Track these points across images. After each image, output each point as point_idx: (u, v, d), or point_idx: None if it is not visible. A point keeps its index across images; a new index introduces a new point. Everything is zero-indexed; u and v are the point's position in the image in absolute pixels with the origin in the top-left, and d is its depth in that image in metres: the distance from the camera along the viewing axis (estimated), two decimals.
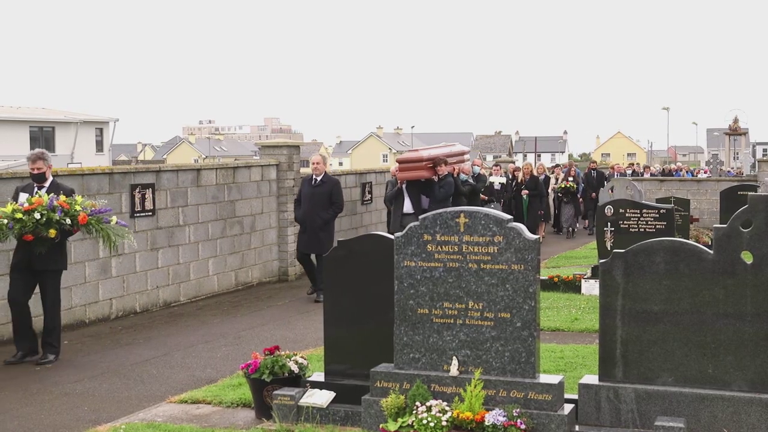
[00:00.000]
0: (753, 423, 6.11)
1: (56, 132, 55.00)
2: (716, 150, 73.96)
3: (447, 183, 15.59)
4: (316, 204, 13.50)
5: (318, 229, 13.57)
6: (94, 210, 9.70)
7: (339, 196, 13.82)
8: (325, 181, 13.69)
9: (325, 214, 13.54)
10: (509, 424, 6.02)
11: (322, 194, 13.62)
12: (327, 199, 13.59)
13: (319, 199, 13.56)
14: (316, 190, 13.65)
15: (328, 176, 13.99)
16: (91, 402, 8.17)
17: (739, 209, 6.39)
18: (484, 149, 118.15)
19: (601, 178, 26.60)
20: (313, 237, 13.56)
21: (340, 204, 13.84)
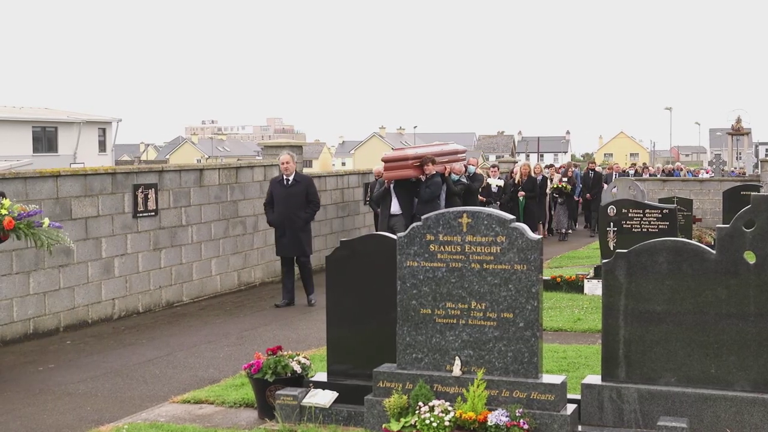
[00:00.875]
0: (756, 423, 6.11)
1: (59, 132, 55.03)
2: (719, 150, 73.92)
3: (434, 183, 15.20)
4: (292, 205, 12.90)
5: (299, 230, 13.00)
6: (22, 213, 8.87)
7: (315, 194, 13.24)
8: (299, 180, 13.06)
9: (304, 214, 12.98)
10: (512, 425, 6.02)
11: (297, 194, 12.99)
12: (303, 198, 12.99)
13: (295, 200, 12.95)
14: (290, 191, 13.01)
15: (300, 175, 13.41)
16: (93, 402, 8.18)
17: (742, 209, 6.39)
18: (486, 149, 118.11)
19: (598, 179, 26.15)
20: (294, 239, 12.97)
21: (317, 202, 13.29)
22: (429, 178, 15.21)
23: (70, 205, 11.67)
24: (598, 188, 24.83)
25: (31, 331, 11.07)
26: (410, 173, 15.32)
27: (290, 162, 13.01)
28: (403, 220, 15.17)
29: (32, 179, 11.16)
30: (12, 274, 10.84)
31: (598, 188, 25.01)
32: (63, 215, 11.54)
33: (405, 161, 15.27)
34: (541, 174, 23.44)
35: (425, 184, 15.17)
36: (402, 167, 15.25)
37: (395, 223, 15.10)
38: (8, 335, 10.77)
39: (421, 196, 15.23)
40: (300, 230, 13.01)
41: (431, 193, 15.20)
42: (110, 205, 12.30)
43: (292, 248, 13.06)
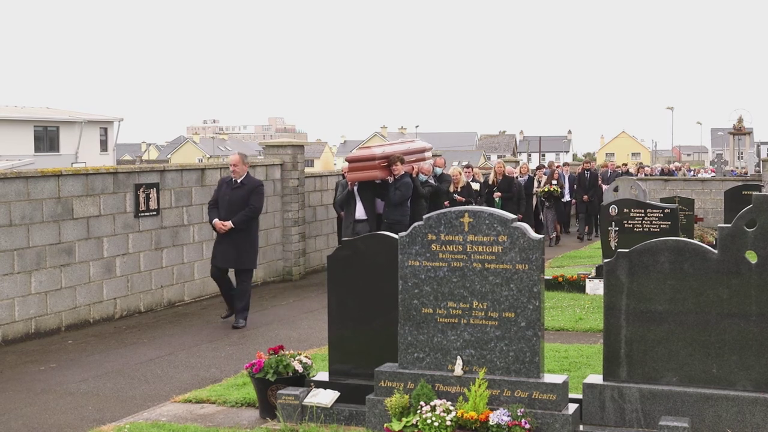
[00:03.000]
0: (758, 423, 6.11)
1: (61, 132, 55.09)
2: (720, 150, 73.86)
3: (403, 184, 13.95)
4: (234, 210, 11.44)
5: (238, 239, 11.50)
6: None
7: (258, 199, 11.64)
8: (246, 183, 11.64)
9: (235, 218, 11.39)
10: (513, 424, 6.02)
11: (241, 197, 11.53)
12: (246, 202, 11.52)
13: (238, 204, 11.50)
14: (234, 193, 11.57)
15: (250, 177, 11.92)
16: (95, 401, 8.18)
17: (744, 209, 6.39)
18: (488, 149, 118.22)
19: (594, 179, 24.49)
20: (230, 249, 11.49)
21: (256, 207, 11.60)
22: (398, 179, 13.93)
23: (72, 204, 11.67)
24: (596, 189, 23.93)
25: (32, 331, 11.08)
26: (377, 174, 14.01)
27: (239, 165, 11.68)
28: (368, 225, 14.06)
29: (34, 179, 11.16)
30: (13, 273, 10.85)
31: (595, 189, 24.00)
32: (65, 215, 11.55)
33: (371, 161, 13.95)
34: (527, 174, 22.15)
35: (394, 185, 13.91)
36: (368, 168, 13.94)
37: (361, 230, 13.93)
38: (10, 335, 10.78)
39: (390, 198, 13.99)
40: (240, 239, 11.54)
41: (402, 195, 13.94)
42: (112, 204, 12.30)
43: (227, 258, 11.57)
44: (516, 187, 19.85)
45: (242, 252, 11.53)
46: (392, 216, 13.98)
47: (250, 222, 11.60)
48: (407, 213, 14.17)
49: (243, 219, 11.44)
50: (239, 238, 11.50)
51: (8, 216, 10.78)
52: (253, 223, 11.68)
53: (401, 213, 14.03)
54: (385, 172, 13.97)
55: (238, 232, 11.44)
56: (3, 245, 10.71)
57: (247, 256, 11.59)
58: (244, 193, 11.53)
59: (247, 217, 11.49)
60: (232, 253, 11.51)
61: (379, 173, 13.97)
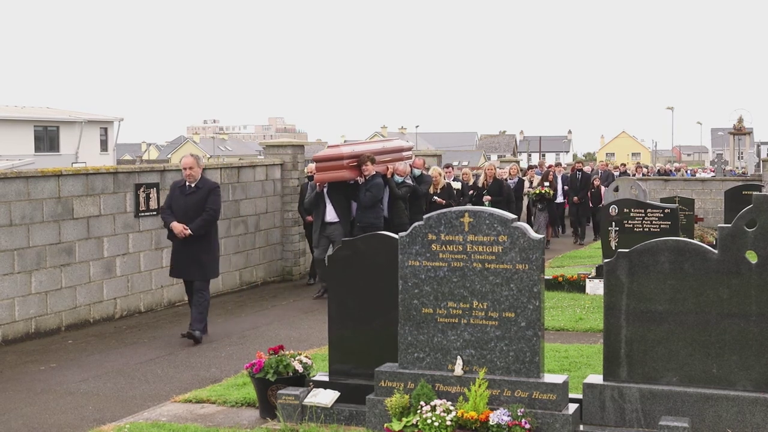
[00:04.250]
0: (758, 423, 6.11)
1: (61, 131, 55.12)
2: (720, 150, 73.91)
3: (375, 185, 13.27)
4: (191, 216, 10.63)
5: (198, 248, 10.68)
6: None
7: (215, 202, 10.78)
8: (201, 186, 10.79)
9: (196, 225, 10.58)
10: (513, 424, 6.02)
11: (196, 203, 10.68)
12: (202, 208, 10.69)
13: (194, 210, 10.67)
14: (189, 198, 10.72)
15: (206, 180, 10.97)
16: (95, 401, 8.18)
17: (744, 209, 6.39)
18: (488, 149, 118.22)
19: (587, 180, 23.78)
20: (190, 259, 10.68)
21: (214, 210, 10.76)
22: (368, 179, 13.26)
23: (72, 204, 11.68)
24: (587, 191, 23.41)
25: (32, 331, 11.08)
26: (345, 175, 13.24)
27: (194, 167, 10.79)
28: (341, 228, 13.40)
29: (34, 179, 11.16)
30: (14, 273, 10.85)
31: (586, 191, 23.44)
32: (65, 215, 11.55)
33: (339, 161, 13.18)
34: (517, 176, 21.49)
35: (365, 186, 13.26)
36: (335, 168, 13.18)
37: (332, 233, 13.40)
38: (10, 334, 10.78)
39: (360, 200, 13.33)
40: (200, 250, 10.71)
41: (372, 197, 13.27)
42: (112, 204, 12.30)
43: (187, 269, 10.80)
44: (505, 189, 19.40)
45: (203, 261, 10.73)
46: (364, 219, 13.36)
47: (209, 227, 10.77)
48: (380, 215, 13.57)
49: (201, 225, 10.61)
50: (199, 246, 10.67)
51: (8, 216, 10.79)
52: (212, 228, 10.86)
53: (374, 215, 13.39)
54: (354, 173, 13.32)
55: (198, 239, 10.62)
56: (3, 245, 10.71)
57: (209, 265, 10.82)
58: (200, 198, 10.70)
59: (205, 222, 10.66)
60: (193, 264, 10.70)
61: (348, 173, 13.27)
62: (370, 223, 13.23)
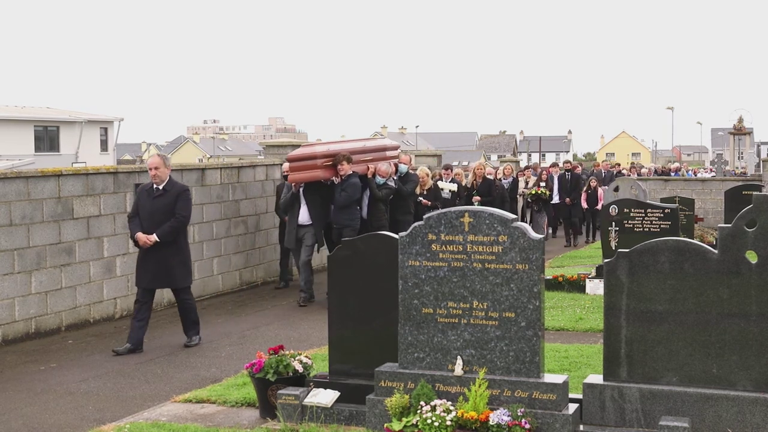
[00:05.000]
0: (758, 423, 6.11)
1: (61, 131, 55.12)
2: (721, 150, 73.91)
3: (350, 185, 12.84)
4: (158, 221, 10.06)
5: (167, 255, 10.11)
6: None
7: (184, 207, 10.20)
8: (169, 189, 10.20)
9: (162, 232, 10.03)
10: (513, 424, 6.02)
11: (164, 206, 10.11)
12: (171, 212, 10.13)
13: (162, 214, 10.11)
14: (156, 202, 10.14)
15: (174, 182, 10.39)
16: (95, 401, 8.18)
17: (744, 209, 6.39)
18: (488, 149, 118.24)
19: (577, 181, 23.22)
20: (159, 267, 10.11)
21: (183, 216, 10.19)
22: (344, 179, 12.84)
23: (72, 204, 11.68)
24: (578, 192, 22.84)
25: (32, 331, 11.08)
26: (319, 174, 12.80)
27: (160, 167, 10.19)
28: (313, 231, 13.21)
29: (34, 179, 11.16)
30: (14, 273, 10.85)
31: (577, 192, 22.86)
32: (65, 215, 11.55)
33: (313, 160, 12.76)
34: (511, 176, 21.14)
35: (340, 186, 12.86)
36: (309, 167, 12.75)
37: (304, 235, 13.16)
38: (10, 334, 10.78)
39: (335, 201, 12.95)
40: (170, 255, 10.14)
41: (348, 197, 12.83)
42: (112, 204, 12.30)
43: (156, 278, 10.20)
44: (498, 189, 18.96)
45: (173, 269, 10.17)
46: (339, 220, 13.09)
47: (178, 233, 10.18)
48: (356, 216, 13.16)
49: (168, 231, 10.03)
50: (168, 253, 10.09)
51: (8, 216, 10.79)
52: (181, 234, 10.29)
53: (349, 217, 13.02)
54: (329, 172, 12.88)
55: (166, 246, 10.06)
56: (3, 245, 10.71)
57: (179, 273, 10.25)
58: (168, 201, 10.12)
59: (173, 228, 10.07)
60: (162, 272, 10.14)
61: (322, 173, 12.82)
62: (344, 224, 12.99)
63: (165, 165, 10.28)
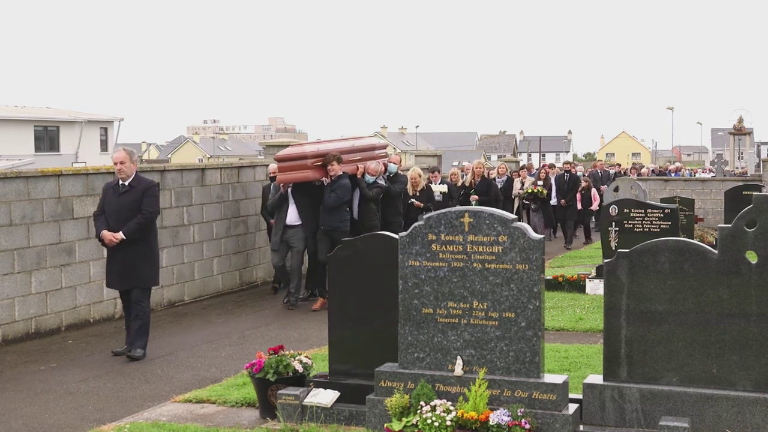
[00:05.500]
0: (758, 423, 6.11)
1: (61, 131, 55.10)
2: (721, 150, 73.91)
3: (340, 186, 12.47)
4: (124, 218, 9.66)
5: (134, 253, 9.70)
6: None
7: (152, 203, 9.79)
8: (135, 186, 9.77)
9: (129, 229, 9.59)
10: (513, 424, 6.02)
11: (131, 203, 9.70)
12: (138, 209, 9.72)
13: (128, 211, 9.70)
14: (123, 199, 9.73)
15: (141, 178, 9.96)
16: (95, 401, 8.18)
17: (744, 209, 6.39)
18: (488, 149, 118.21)
19: (575, 182, 22.68)
20: (127, 266, 9.71)
21: (150, 212, 9.76)
22: (334, 180, 12.48)
23: (72, 204, 11.68)
24: (574, 194, 22.36)
25: (32, 331, 11.08)
26: (310, 175, 12.46)
27: (126, 161, 9.76)
28: (302, 233, 12.86)
29: (34, 179, 11.16)
30: (14, 273, 10.85)
31: (573, 193, 22.37)
32: (65, 214, 11.55)
33: (303, 160, 12.42)
34: (505, 175, 20.62)
35: (330, 187, 12.48)
36: (299, 168, 12.41)
37: (291, 237, 12.85)
38: (10, 334, 10.78)
39: (325, 202, 12.52)
40: (135, 253, 9.71)
41: (337, 198, 12.45)
42: None
43: (123, 278, 9.81)
44: (494, 189, 18.52)
45: (140, 268, 9.76)
46: (328, 222, 12.62)
47: (145, 231, 9.76)
48: (346, 218, 12.77)
49: (135, 228, 9.63)
50: (135, 251, 9.70)
51: (8, 216, 10.79)
52: (149, 231, 9.86)
53: (338, 219, 12.61)
54: (319, 173, 12.53)
55: (133, 244, 9.66)
56: (3, 245, 10.71)
57: (147, 271, 9.83)
58: (134, 198, 9.72)
59: (140, 225, 9.66)
60: (129, 271, 9.73)
61: (312, 174, 12.48)
62: (333, 227, 12.59)
63: (131, 160, 9.86)
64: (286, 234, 12.83)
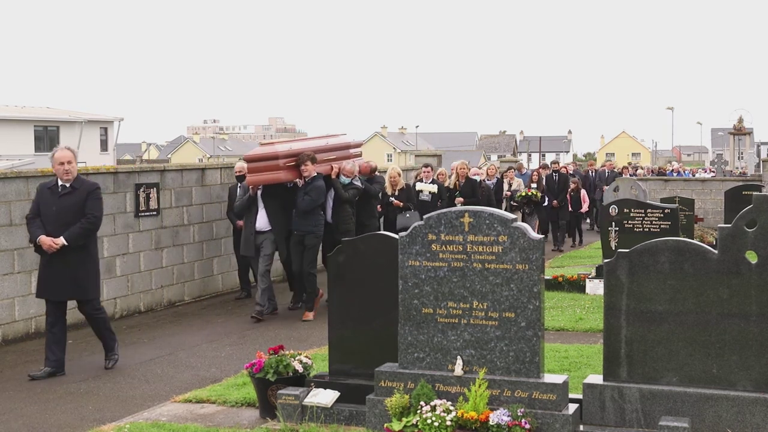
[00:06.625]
0: (758, 423, 6.11)
1: (61, 131, 55.09)
2: (721, 150, 73.89)
3: (314, 188, 11.70)
4: (65, 222, 8.84)
5: (75, 262, 8.90)
6: None
7: (95, 207, 8.98)
8: (77, 187, 8.96)
9: (71, 235, 8.79)
10: (513, 424, 6.02)
11: (72, 206, 8.88)
12: (80, 213, 8.90)
13: (69, 215, 8.87)
14: (63, 201, 8.91)
15: (83, 179, 9.15)
16: (95, 401, 8.18)
17: (744, 209, 6.39)
18: (488, 149, 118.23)
19: (564, 183, 21.84)
20: (65, 275, 8.90)
21: (93, 216, 8.95)
22: (308, 182, 11.70)
23: None
24: (565, 194, 21.72)
25: (32, 331, 11.07)
26: (281, 176, 11.72)
27: (72, 161, 8.98)
28: (273, 238, 12.13)
29: (34, 178, 11.15)
30: (14, 273, 10.85)
31: (564, 194, 21.69)
32: None
33: (274, 160, 11.66)
34: (495, 177, 20.01)
35: (303, 189, 11.70)
36: (270, 168, 11.65)
37: (262, 243, 12.07)
38: (10, 334, 10.78)
39: (298, 205, 11.76)
40: (77, 260, 8.92)
41: (311, 201, 11.68)
42: (112, 204, 12.29)
43: (62, 288, 8.95)
44: (484, 190, 17.76)
45: (82, 278, 8.98)
46: (301, 226, 11.88)
47: (88, 237, 8.99)
48: (320, 222, 12.06)
49: (79, 233, 8.83)
50: (77, 259, 8.89)
51: (8, 216, 10.79)
52: (91, 238, 9.09)
53: (312, 222, 11.88)
54: (292, 174, 11.78)
55: (75, 251, 8.86)
56: (3, 245, 10.71)
57: (89, 282, 9.06)
58: (76, 200, 8.91)
59: (84, 230, 8.88)
60: (69, 281, 8.91)
61: (284, 175, 11.72)
62: (307, 231, 11.88)
63: (76, 160, 9.11)
64: (257, 239, 12.12)
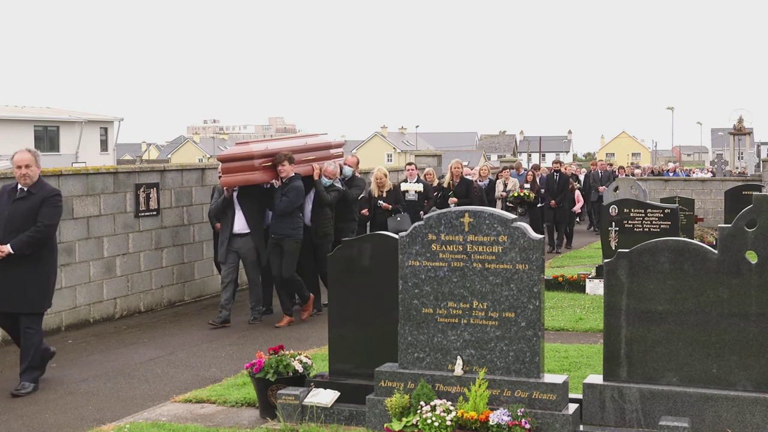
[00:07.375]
0: (757, 423, 6.11)
1: (61, 131, 55.10)
2: (721, 150, 73.92)
3: (292, 189, 11.25)
4: (16, 228, 8.26)
5: (22, 271, 8.29)
6: None
7: (51, 214, 8.36)
8: (35, 192, 8.36)
9: (18, 243, 8.16)
10: (513, 424, 6.02)
11: (26, 212, 8.29)
12: (31, 220, 8.29)
13: (22, 220, 8.28)
14: (17, 206, 8.33)
15: (43, 184, 8.52)
16: (95, 401, 8.18)
17: (744, 209, 6.39)
18: (488, 149, 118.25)
19: (565, 183, 21.42)
20: (11, 285, 8.28)
21: (45, 224, 8.30)
22: (286, 182, 11.30)
23: (72, 204, 11.67)
24: (564, 194, 21.22)
25: None
26: (257, 177, 11.30)
27: (32, 165, 8.38)
28: (252, 242, 11.60)
29: None
30: None
31: (563, 194, 21.23)
32: (65, 214, 11.49)
33: (249, 160, 11.23)
34: (487, 177, 19.69)
35: (281, 191, 11.30)
36: (245, 169, 11.23)
37: (241, 247, 11.57)
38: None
39: (275, 207, 11.35)
40: (25, 270, 8.30)
41: (289, 203, 11.22)
42: (112, 204, 12.30)
43: (5, 299, 8.33)
44: (477, 191, 17.37)
45: (28, 290, 8.32)
46: (278, 229, 11.44)
47: (38, 246, 8.32)
48: (299, 225, 11.58)
49: (25, 242, 8.19)
50: (24, 270, 8.26)
51: None
52: (43, 248, 8.39)
53: (291, 225, 11.42)
54: (269, 175, 11.40)
55: (22, 261, 8.23)
56: None
57: (36, 294, 8.38)
58: (30, 206, 8.30)
59: (33, 239, 8.23)
60: (14, 292, 8.29)
61: (260, 176, 11.32)
62: (285, 234, 11.40)
63: (36, 163, 8.46)
64: (234, 244, 11.56)
